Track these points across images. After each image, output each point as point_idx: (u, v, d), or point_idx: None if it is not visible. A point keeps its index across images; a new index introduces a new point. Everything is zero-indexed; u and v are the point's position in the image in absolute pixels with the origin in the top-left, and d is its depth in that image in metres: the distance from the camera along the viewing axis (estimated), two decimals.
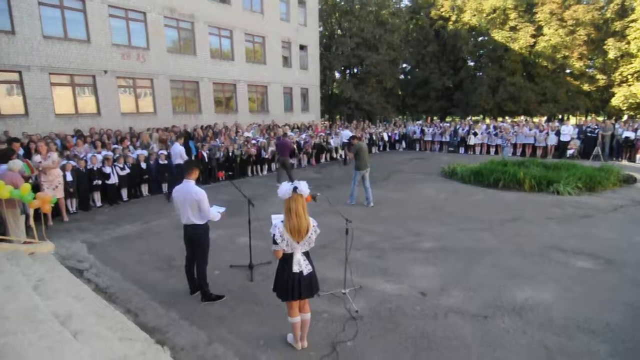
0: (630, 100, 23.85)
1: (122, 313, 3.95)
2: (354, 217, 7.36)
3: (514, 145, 16.41)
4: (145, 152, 10.28)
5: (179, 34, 16.17)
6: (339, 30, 29.17)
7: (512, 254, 5.51)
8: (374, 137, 19.03)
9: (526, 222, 6.98)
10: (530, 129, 16.27)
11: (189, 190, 3.99)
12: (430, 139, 19.35)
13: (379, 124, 24.21)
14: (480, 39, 29.38)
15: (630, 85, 23.99)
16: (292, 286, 3.05)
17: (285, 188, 2.97)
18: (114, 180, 9.00)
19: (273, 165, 13.34)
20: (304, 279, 3.08)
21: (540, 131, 15.93)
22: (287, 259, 3.07)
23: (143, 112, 15.18)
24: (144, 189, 10.06)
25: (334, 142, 16.65)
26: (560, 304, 4.11)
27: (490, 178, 10.32)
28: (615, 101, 24.60)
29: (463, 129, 18.29)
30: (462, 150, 17.90)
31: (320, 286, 4.44)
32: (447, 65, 30.10)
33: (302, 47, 22.15)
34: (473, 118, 28.34)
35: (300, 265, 3.06)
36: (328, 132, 17.93)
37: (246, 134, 14.67)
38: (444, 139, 18.79)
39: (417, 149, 19.78)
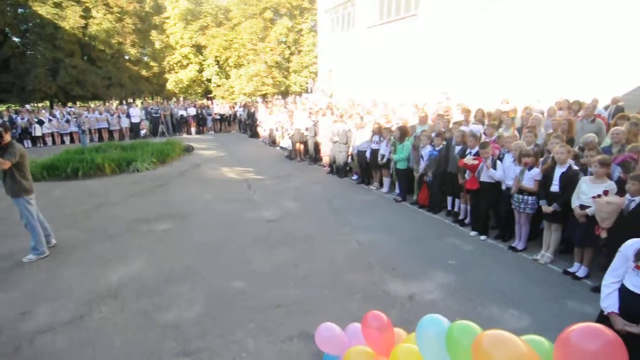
0: (179, 85, 29.16)
1: None
2: None
3: (90, 131, 15.68)
4: None
5: None
6: None
7: (100, 240, 5.40)
8: None
9: (111, 205, 7.04)
10: (100, 114, 16.08)
11: None
12: None
13: None
14: (20, 10, 24.32)
15: (177, 73, 29.14)
16: None
17: None
18: None
19: None
20: None
21: (112, 115, 16.17)
22: None
23: None
24: None
25: None
26: (150, 267, 4.56)
27: (67, 169, 9.40)
28: (169, 85, 29.16)
29: (22, 119, 15.12)
30: (27, 143, 14.84)
31: None
32: None
33: None
34: (39, 105, 24.08)
35: None
36: None
37: None
38: None
39: None
